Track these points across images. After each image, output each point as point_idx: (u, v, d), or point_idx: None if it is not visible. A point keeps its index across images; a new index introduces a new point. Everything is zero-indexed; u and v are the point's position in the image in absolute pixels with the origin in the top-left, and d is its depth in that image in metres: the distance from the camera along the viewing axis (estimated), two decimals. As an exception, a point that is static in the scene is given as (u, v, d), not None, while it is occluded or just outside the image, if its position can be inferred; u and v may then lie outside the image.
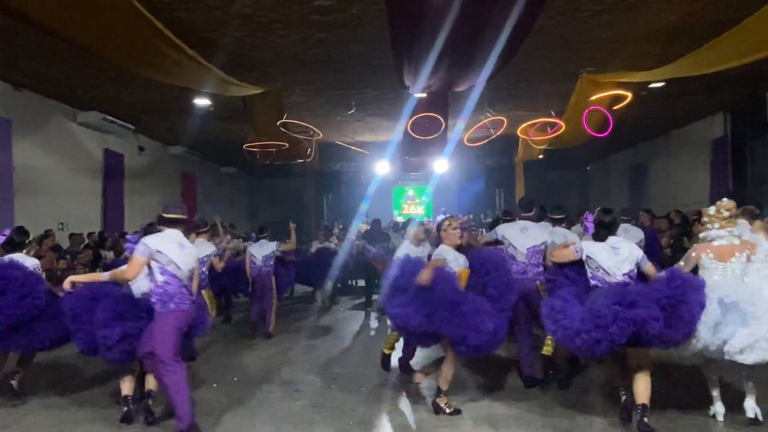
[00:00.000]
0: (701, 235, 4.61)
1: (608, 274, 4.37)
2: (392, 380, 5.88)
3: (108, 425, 4.61)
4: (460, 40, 6.42)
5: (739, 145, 13.27)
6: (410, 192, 23.18)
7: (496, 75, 8.01)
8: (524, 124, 12.07)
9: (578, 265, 4.62)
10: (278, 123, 10.56)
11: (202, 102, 11.15)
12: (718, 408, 4.43)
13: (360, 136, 15.07)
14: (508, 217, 6.84)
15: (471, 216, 17.24)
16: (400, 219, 19.86)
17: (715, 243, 4.40)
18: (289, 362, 6.62)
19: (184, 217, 4.79)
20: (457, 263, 4.91)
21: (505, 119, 11.44)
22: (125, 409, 4.67)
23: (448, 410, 4.75)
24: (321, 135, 12.76)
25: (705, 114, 13.75)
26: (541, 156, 15.08)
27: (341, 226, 15.76)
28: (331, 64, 9.10)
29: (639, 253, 4.47)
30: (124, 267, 4.64)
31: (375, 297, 10.89)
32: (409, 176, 21.02)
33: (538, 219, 6.03)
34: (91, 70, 8.97)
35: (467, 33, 6.30)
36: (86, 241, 10.39)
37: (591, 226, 4.81)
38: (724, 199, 4.59)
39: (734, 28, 6.43)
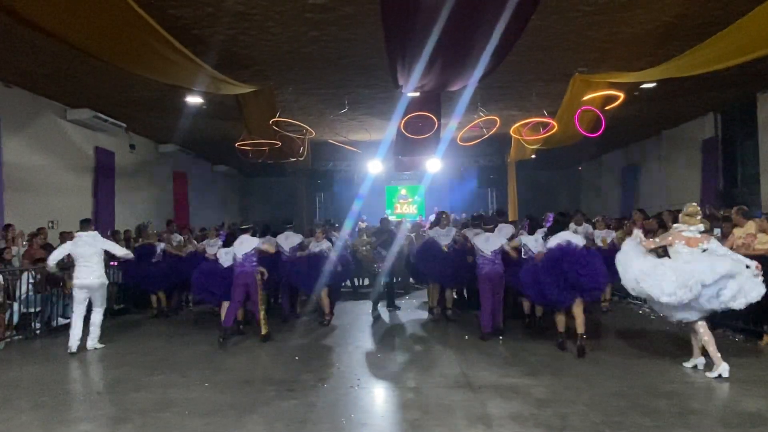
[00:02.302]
0: (674, 225, 6.07)
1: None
2: (385, 378, 5.88)
3: (97, 425, 4.57)
4: (453, 39, 6.42)
5: (730, 145, 13.38)
6: (403, 191, 23.16)
7: (489, 75, 8.02)
8: (517, 124, 12.09)
9: None
10: (271, 121, 10.53)
11: (194, 100, 11.10)
12: (722, 368, 5.46)
13: (353, 134, 15.05)
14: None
15: (464, 215, 17.27)
16: (392, 218, 19.83)
17: (684, 234, 5.83)
18: (281, 361, 6.60)
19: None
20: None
21: (497, 119, 11.47)
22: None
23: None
24: (314, 133, 12.72)
25: (696, 114, 13.85)
26: (533, 156, 15.12)
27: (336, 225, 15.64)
28: (324, 63, 9.09)
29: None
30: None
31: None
32: (402, 175, 21.01)
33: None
34: (82, 67, 8.91)
35: (460, 33, 6.31)
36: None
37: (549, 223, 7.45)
38: (693, 203, 6.10)
39: (725, 29, 6.48)
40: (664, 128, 15.54)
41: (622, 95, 9.47)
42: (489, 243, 7.74)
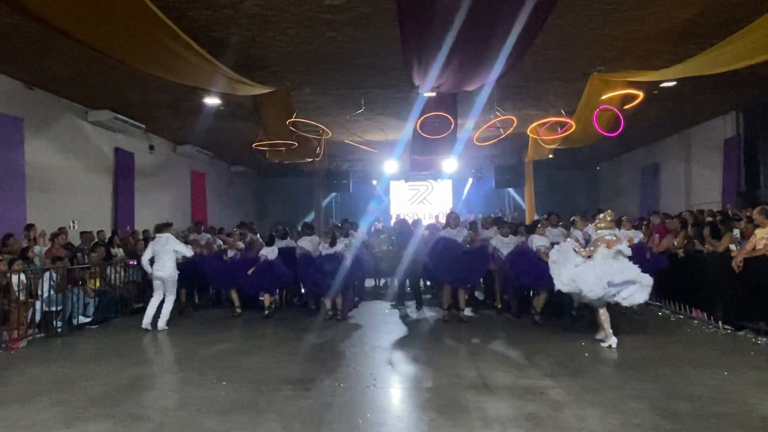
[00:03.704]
0: (599, 231, 7.28)
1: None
2: (401, 379, 5.87)
3: (117, 422, 4.63)
4: (470, 39, 6.39)
5: (752, 144, 13.16)
6: (418, 191, 23.14)
7: (506, 74, 7.98)
8: (534, 124, 12.02)
9: None
10: (287, 122, 10.58)
11: (212, 101, 11.20)
12: (612, 341, 6.92)
13: (369, 135, 15.08)
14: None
15: (480, 215, 17.21)
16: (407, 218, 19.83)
17: (606, 237, 7.15)
18: (298, 361, 6.62)
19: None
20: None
21: (514, 118, 11.41)
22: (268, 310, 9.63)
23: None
24: (330, 134, 12.77)
25: (717, 113, 13.65)
26: (551, 155, 15.01)
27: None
28: (341, 63, 9.11)
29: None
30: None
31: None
32: (418, 175, 20.98)
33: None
34: (103, 69, 9.03)
35: (477, 32, 6.28)
36: (95, 239, 10.47)
37: None
38: (609, 210, 7.60)
39: (746, 26, 6.38)
40: (685, 127, 15.34)
41: (641, 94, 9.36)
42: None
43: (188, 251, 9.15)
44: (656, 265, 8.88)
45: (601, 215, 7.48)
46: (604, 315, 7.07)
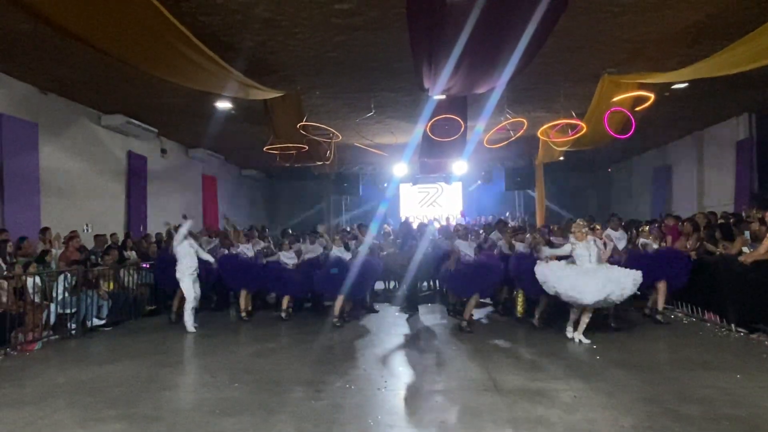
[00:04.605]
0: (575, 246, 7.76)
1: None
2: (411, 381, 5.88)
3: (131, 423, 4.68)
4: (480, 42, 6.40)
5: (765, 146, 13.06)
6: (428, 193, 23.14)
7: (516, 76, 7.97)
8: (545, 126, 11.99)
9: None
10: (298, 125, 10.63)
11: (223, 105, 11.28)
12: (570, 331, 7.57)
13: (378, 138, 15.10)
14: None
15: (491, 217, 17.17)
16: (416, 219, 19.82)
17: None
18: (309, 363, 6.65)
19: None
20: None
21: (525, 121, 11.38)
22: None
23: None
24: (340, 137, 12.81)
25: (730, 115, 13.56)
26: (561, 158, 14.96)
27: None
28: (351, 67, 9.15)
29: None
30: None
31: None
32: (427, 178, 21.00)
33: None
34: (116, 74, 9.13)
35: (488, 35, 6.29)
36: (109, 242, 10.57)
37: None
38: (580, 220, 8.16)
39: (758, 28, 6.34)
40: (697, 129, 15.23)
41: (652, 96, 9.32)
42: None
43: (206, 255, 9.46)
44: (687, 266, 8.63)
45: (577, 224, 7.98)
46: (584, 315, 7.47)
